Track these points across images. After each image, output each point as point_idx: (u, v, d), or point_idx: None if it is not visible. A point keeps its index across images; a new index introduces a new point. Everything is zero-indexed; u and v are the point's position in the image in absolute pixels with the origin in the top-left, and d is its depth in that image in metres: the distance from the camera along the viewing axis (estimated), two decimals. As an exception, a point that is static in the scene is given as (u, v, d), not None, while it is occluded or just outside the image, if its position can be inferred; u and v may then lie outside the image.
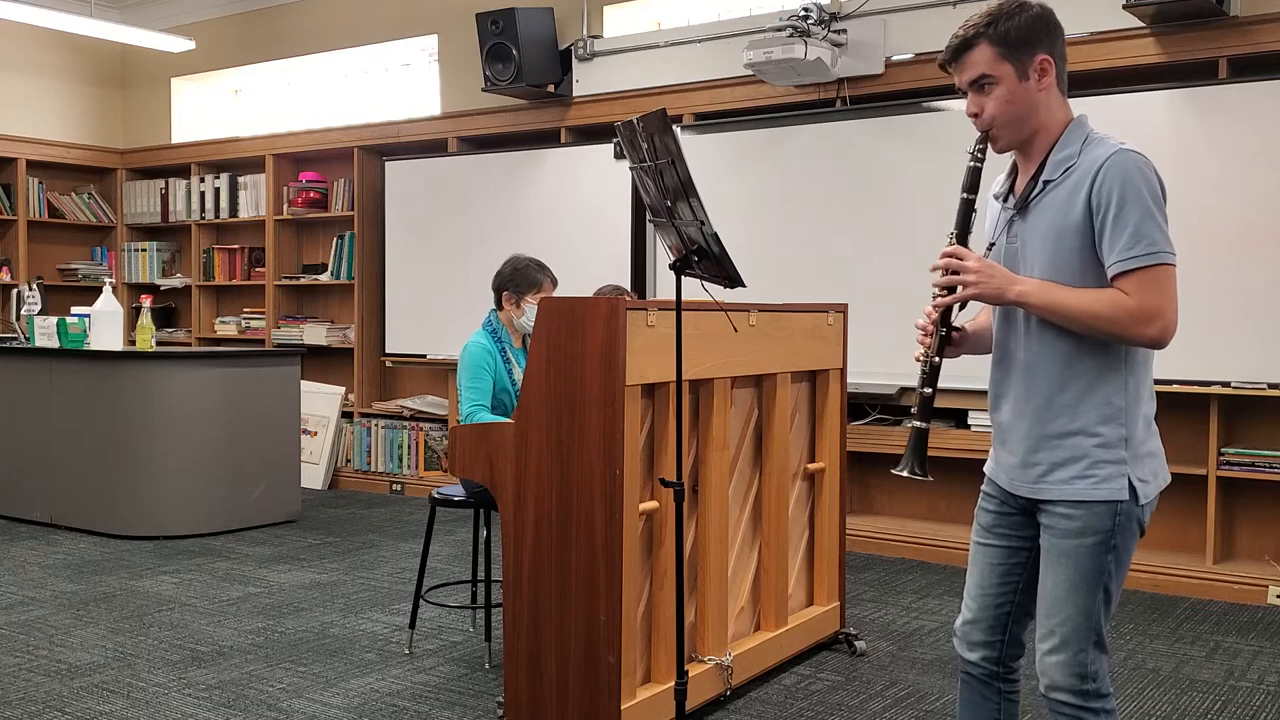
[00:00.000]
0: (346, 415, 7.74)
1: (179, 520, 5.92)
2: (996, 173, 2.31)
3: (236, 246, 8.36)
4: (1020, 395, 2.17)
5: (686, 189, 2.60)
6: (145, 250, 8.87)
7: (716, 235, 2.66)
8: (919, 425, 2.21)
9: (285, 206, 8.01)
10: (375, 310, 7.66)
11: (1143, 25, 5.01)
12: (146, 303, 6.32)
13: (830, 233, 5.80)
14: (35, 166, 8.49)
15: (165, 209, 8.72)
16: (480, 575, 4.34)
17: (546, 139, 6.87)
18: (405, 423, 7.46)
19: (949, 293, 2.16)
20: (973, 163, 2.19)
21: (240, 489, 6.11)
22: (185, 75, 8.64)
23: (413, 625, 4.07)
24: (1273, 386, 4.73)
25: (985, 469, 2.31)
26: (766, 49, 5.45)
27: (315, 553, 5.63)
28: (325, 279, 7.87)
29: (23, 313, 6.91)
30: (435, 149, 7.30)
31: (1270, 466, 4.83)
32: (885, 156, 5.64)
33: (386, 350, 7.48)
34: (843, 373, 4.16)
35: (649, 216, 2.92)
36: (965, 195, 2.20)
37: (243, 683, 3.70)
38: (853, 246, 5.73)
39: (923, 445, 2.21)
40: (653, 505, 3.20)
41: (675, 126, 3.36)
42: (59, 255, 8.78)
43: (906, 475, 2.21)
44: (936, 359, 2.21)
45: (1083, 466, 2.09)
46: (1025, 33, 2.10)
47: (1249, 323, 4.76)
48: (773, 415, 3.77)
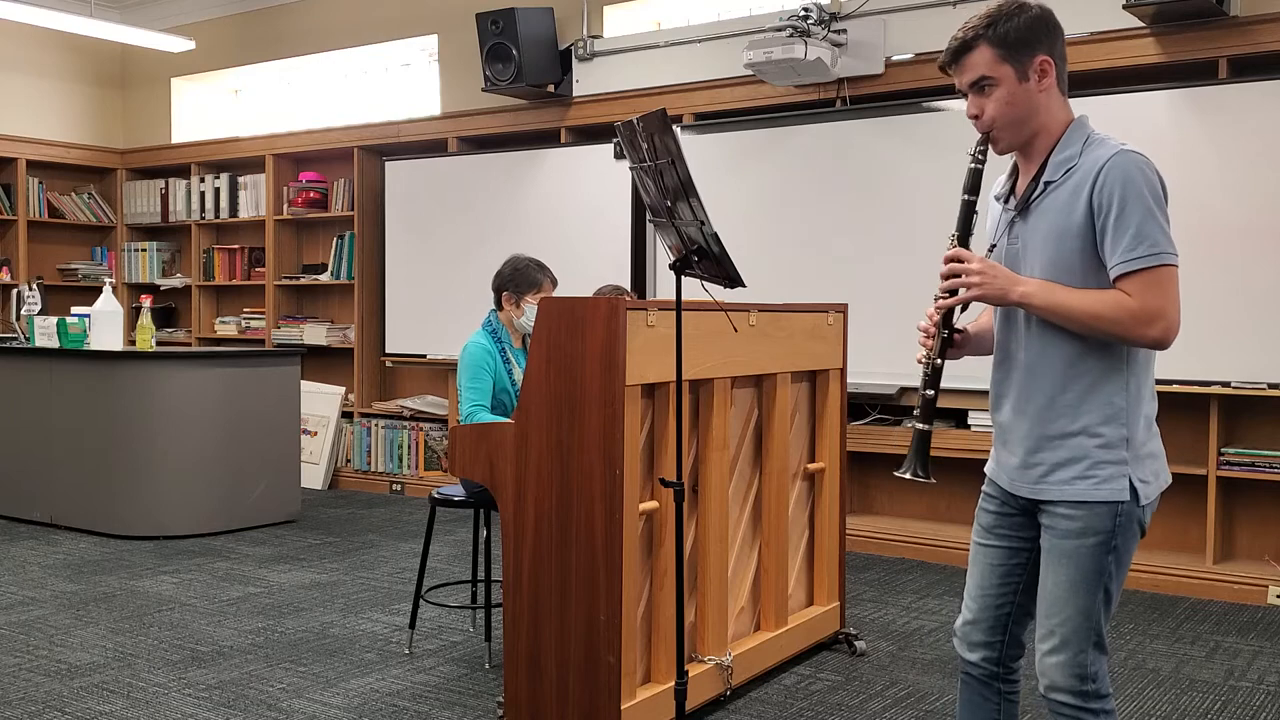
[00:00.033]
0: (346, 415, 7.74)
1: (179, 520, 5.92)
2: (997, 173, 2.30)
3: (236, 246, 8.37)
4: (1021, 396, 2.17)
5: (686, 189, 2.60)
6: (145, 250, 8.87)
7: (716, 235, 2.66)
8: (921, 428, 2.21)
9: (285, 206, 8.01)
10: (375, 310, 7.66)
11: (1143, 25, 5.01)
12: (146, 303, 6.32)
13: (830, 233, 5.80)
14: (35, 166, 8.49)
15: (165, 209, 8.72)
16: (480, 575, 4.34)
17: (546, 139, 6.87)
18: (405, 423, 7.46)
19: (951, 295, 2.16)
20: (974, 164, 2.18)
21: (240, 489, 6.11)
22: (185, 75, 8.64)
23: (413, 625, 4.07)
24: (1273, 386, 4.73)
25: (986, 469, 2.31)
26: (766, 49, 5.45)
27: (315, 553, 5.63)
28: (325, 279, 7.87)
29: (23, 313, 6.91)
30: (435, 149, 7.30)
31: (1270, 466, 4.83)
32: (885, 156, 5.64)
33: (386, 350, 7.48)
34: (843, 373, 4.16)
35: (649, 216, 2.92)
36: (966, 197, 2.19)
37: (243, 683, 3.70)
38: (853, 246, 5.73)
39: (925, 448, 2.21)
40: (653, 505, 3.20)
41: (675, 126, 3.36)
42: (59, 255, 8.78)
43: (909, 478, 2.21)
44: (939, 361, 2.20)
45: (1084, 467, 2.09)
46: (1025, 34, 2.10)
47: (1249, 323, 4.76)
48: (773, 415, 3.77)
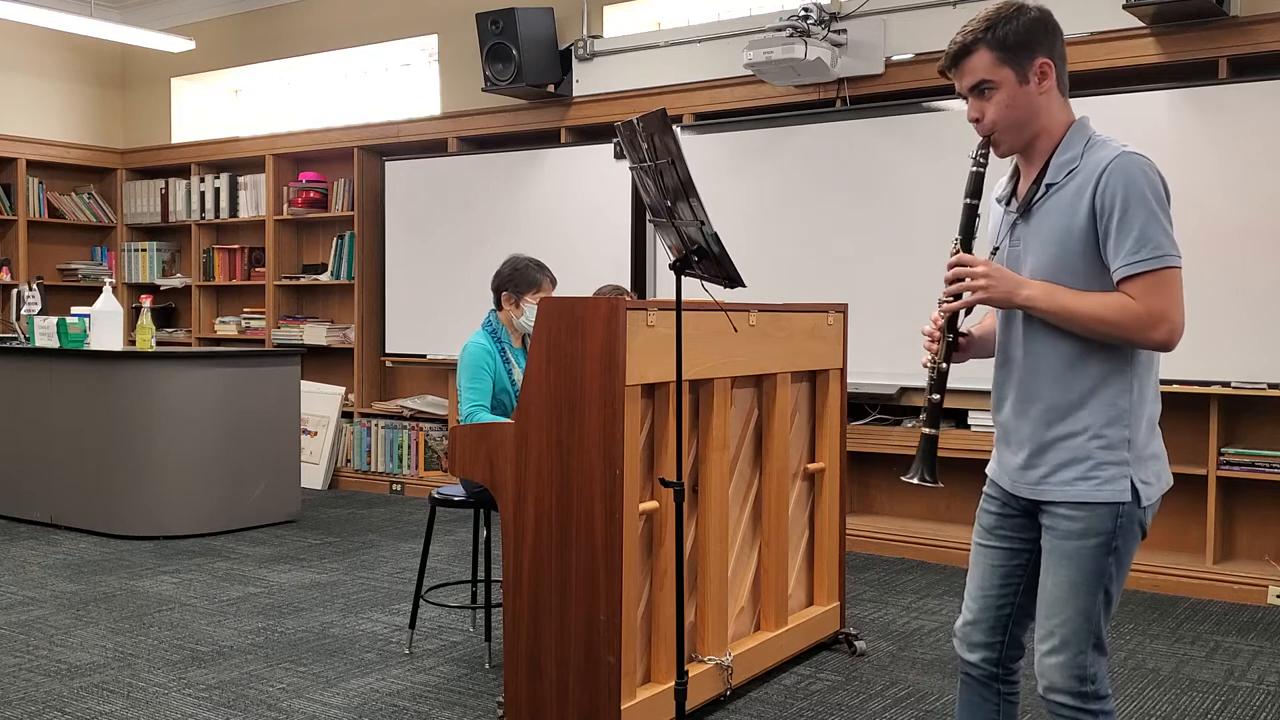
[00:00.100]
0: (346, 415, 7.74)
1: (179, 520, 5.92)
2: (998, 175, 2.30)
3: (236, 246, 8.37)
4: (1023, 397, 2.17)
5: (686, 189, 2.60)
6: (145, 250, 8.87)
7: (716, 235, 2.66)
8: (928, 432, 2.19)
9: (285, 206, 8.01)
10: (375, 310, 7.66)
11: (1143, 25, 5.01)
12: (146, 303, 6.32)
13: (830, 233, 5.80)
14: (35, 166, 8.49)
15: (165, 209, 8.72)
16: (480, 575, 4.34)
17: (546, 139, 6.87)
18: (405, 423, 7.46)
19: (956, 299, 2.15)
20: (975, 168, 2.18)
21: (240, 489, 6.11)
22: (185, 75, 8.64)
23: (413, 625, 4.07)
24: (1273, 386, 4.73)
25: (987, 470, 2.31)
26: (766, 49, 5.45)
27: (315, 553, 5.63)
28: (325, 279, 7.87)
29: (23, 313, 6.91)
30: (435, 149, 7.30)
31: (1270, 466, 4.83)
32: (885, 156, 5.64)
33: (386, 350, 7.48)
34: (843, 373, 4.15)
35: (649, 216, 2.92)
36: (968, 201, 2.19)
37: (243, 683, 3.70)
38: (853, 246, 5.73)
39: (932, 452, 2.19)
40: (653, 505, 3.20)
41: (675, 126, 3.36)
42: (59, 255, 8.78)
43: (917, 483, 2.20)
44: (944, 365, 2.20)
45: (1085, 468, 2.08)
46: (1024, 36, 2.09)
47: (1249, 323, 4.76)
48: (773, 415, 3.77)
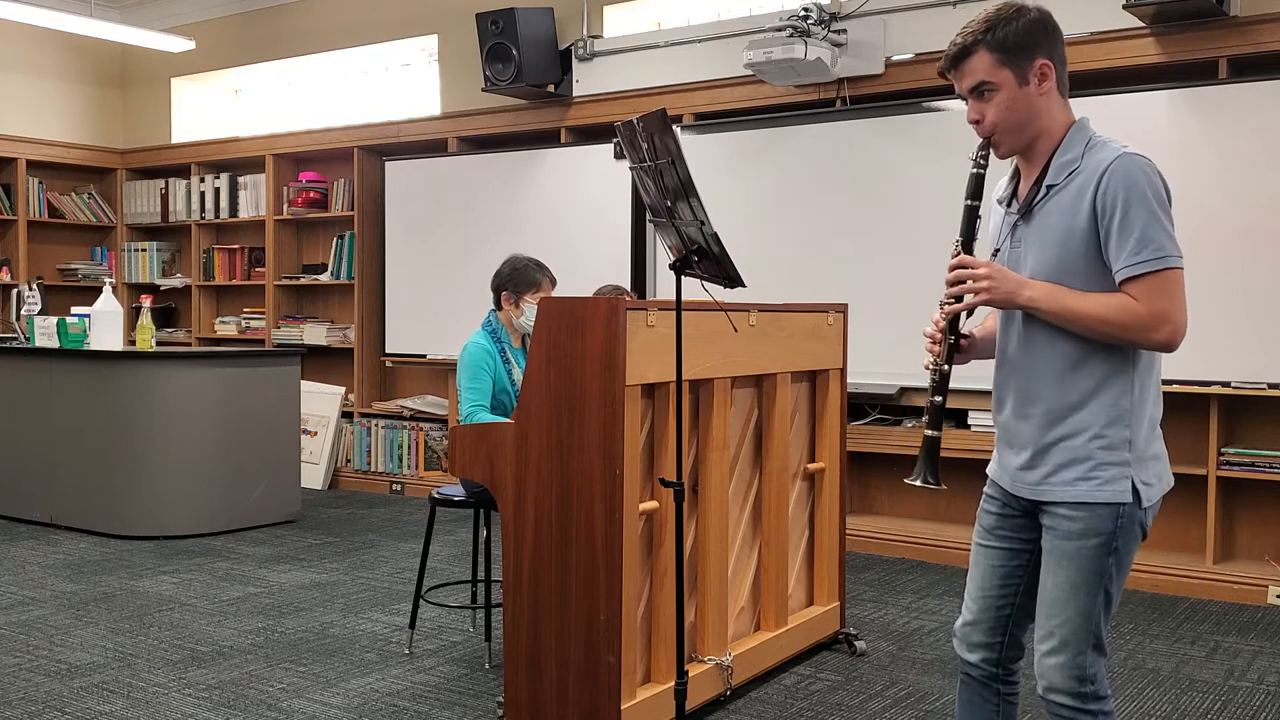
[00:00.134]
0: (346, 415, 7.74)
1: (179, 520, 5.92)
2: (998, 176, 2.30)
3: (236, 246, 8.37)
4: (1024, 398, 2.16)
5: (686, 189, 2.60)
6: (145, 250, 8.87)
7: (716, 235, 2.66)
8: (930, 434, 2.19)
9: (285, 206, 8.01)
10: (375, 310, 7.66)
11: (1143, 25, 5.01)
12: (146, 303, 6.32)
13: (830, 233, 5.80)
14: (35, 166, 8.49)
15: (165, 209, 8.72)
16: (480, 575, 4.34)
17: (546, 139, 6.87)
18: (405, 423, 7.46)
19: (958, 301, 2.15)
20: (975, 169, 2.17)
21: (240, 489, 6.11)
22: (185, 75, 8.64)
23: (413, 625, 4.07)
24: (1273, 386, 4.73)
25: (988, 471, 2.31)
26: (766, 49, 5.45)
27: (315, 553, 5.63)
28: (325, 279, 7.87)
29: (23, 313, 6.91)
30: (435, 149, 7.30)
31: (1270, 466, 4.83)
32: (885, 156, 5.64)
33: (386, 350, 7.48)
34: (843, 373, 4.15)
35: (649, 216, 2.92)
36: (969, 202, 2.18)
37: (243, 683, 3.70)
38: (853, 246, 5.73)
39: (935, 454, 2.19)
40: (653, 505, 3.20)
41: (675, 126, 3.36)
42: (59, 255, 8.78)
43: (920, 485, 2.20)
44: (946, 367, 2.20)
45: (1086, 468, 2.08)
46: (1024, 38, 2.09)
47: (1249, 323, 4.76)
48: (773, 415, 3.77)
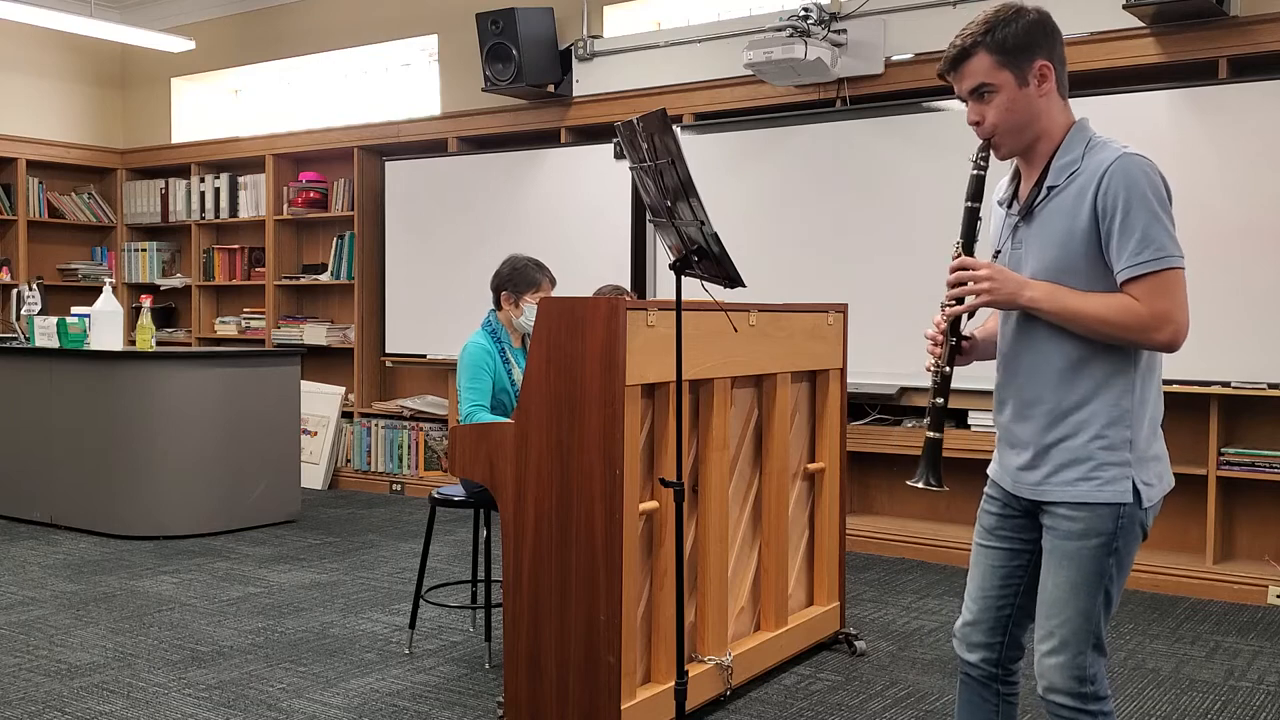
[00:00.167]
0: (346, 415, 7.74)
1: (179, 520, 5.92)
2: (998, 177, 2.30)
3: (236, 246, 8.36)
4: (1025, 398, 2.16)
5: (686, 189, 2.60)
6: (145, 250, 8.87)
7: (716, 235, 2.66)
8: (932, 436, 2.19)
9: (285, 206, 8.01)
10: (375, 310, 7.66)
11: (1143, 25, 5.01)
12: (146, 303, 6.32)
13: (830, 233, 5.80)
14: (35, 166, 8.49)
15: (165, 209, 8.72)
16: (480, 575, 4.34)
17: (546, 139, 6.87)
18: (405, 423, 7.46)
19: (959, 302, 2.15)
20: (976, 171, 2.17)
21: (240, 489, 6.11)
22: (185, 75, 8.64)
23: (413, 625, 4.07)
24: (1273, 386, 4.73)
25: (988, 471, 2.31)
26: (766, 49, 5.45)
27: (315, 553, 5.63)
28: (325, 279, 7.87)
29: (23, 313, 6.91)
30: (435, 149, 7.30)
31: (1270, 466, 4.83)
32: (885, 156, 5.64)
33: (386, 350, 7.48)
34: (843, 373, 4.15)
35: (649, 216, 2.92)
36: (969, 204, 2.18)
37: (243, 683, 3.70)
38: (853, 246, 5.73)
39: (937, 456, 2.19)
40: (653, 505, 3.20)
41: (675, 126, 3.36)
42: (59, 255, 8.78)
43: (922, 487, 2.19)
44: (947, 369, 2.19)
45: (1087, 468, 2.08)
46: (1023, 39, 2.09)
47: (1249, 323, 4.76)
48: (773, 415, 3.77)
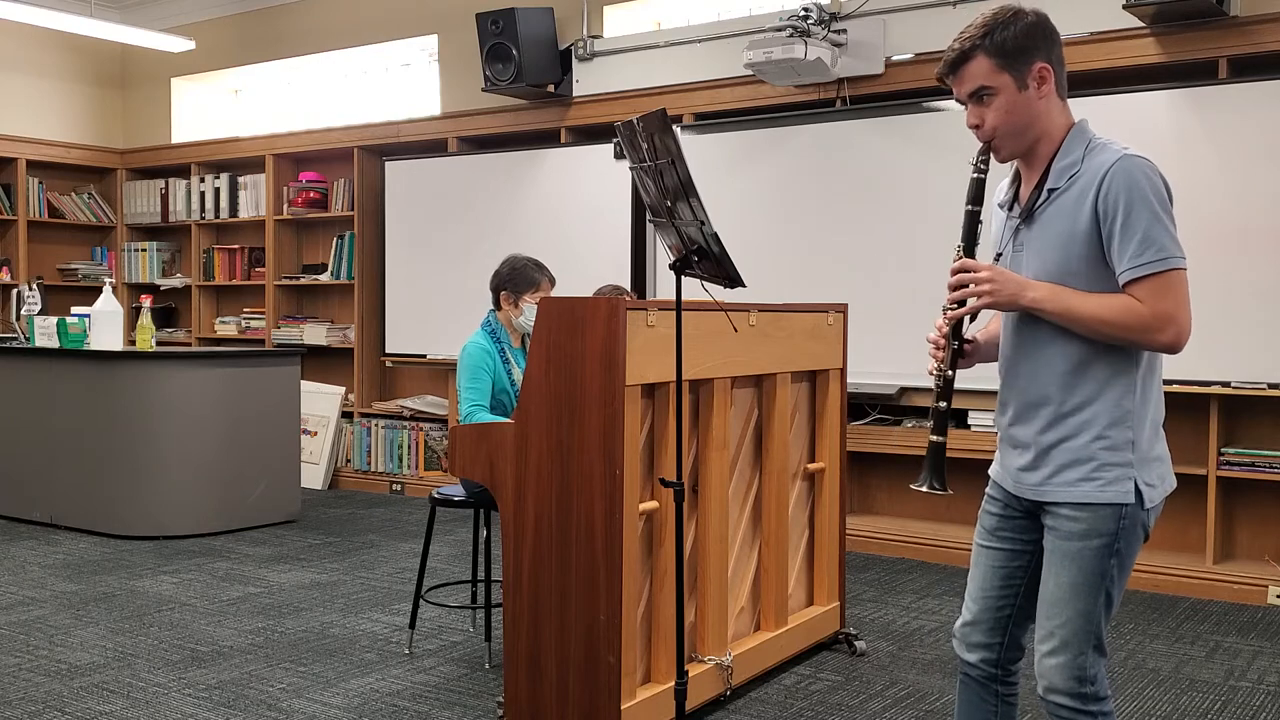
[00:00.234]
0: (346, 415, 7.74)
1: (179, 520, 5.92)
2: (998, 178, 2.30)
3: (236, 246, 8.36)
4: (1027, 400, 2.16)
5: (686, 189, 2.60)
6: (145, 250, 8.87)
7: (716, 235, 2.66)
8: (935, 439, 2.19)
9: (285, 206, 8.01)
10: (375, 310, 7.66)
11: (1143, 25, 5.01)
12: (146, 303, 6.32)
13: (830, 233, 5.80)
14: (35, 166, 8.49)
15: (165, 209, 8.72)
16: (480, 575, 4.34)
17: (546, 139, 6.87)
18: (405, 423, 7.46)
19: (960, 305, 2.15)
20: (976, 174, 2.17)
21: (240, 489, 6.11)
22: (185, 75, 8.64)
23: (413, 625, 4.07)
24: (1273, 386, 4.73)
25: (990, 472, 2.30)
26: (766, 49, 5.45)
27: (315, 553, 5.63)
28: (325, 279, 7.87)
29: (23, 313, 6.91)
30: (435, 149, 7.30)
31: (1270, 466, 4.83)
32: (885, 156, 5.64)
33: (386, 350, 7.48)
34: (843, 373, 4.15)
35: (649, 216, 2.92)
36: (970, 207, 2.18)
37: (243, 683, 3.70)
38: (853, 246, 5.73)
39: (941, 459, 2.19)
40: (653, 505, 3.20)
41: (675, 126, 3.36)
42: (59, 255, 8.78)
43: (926, 491, 2.19)
44: (950, 372, 2.19)
45: (1089, 469, 2.08)
46: (1022, 41, 2.09)
47: (1249, 323, 4.76)
48: (773, 415, 3.77)
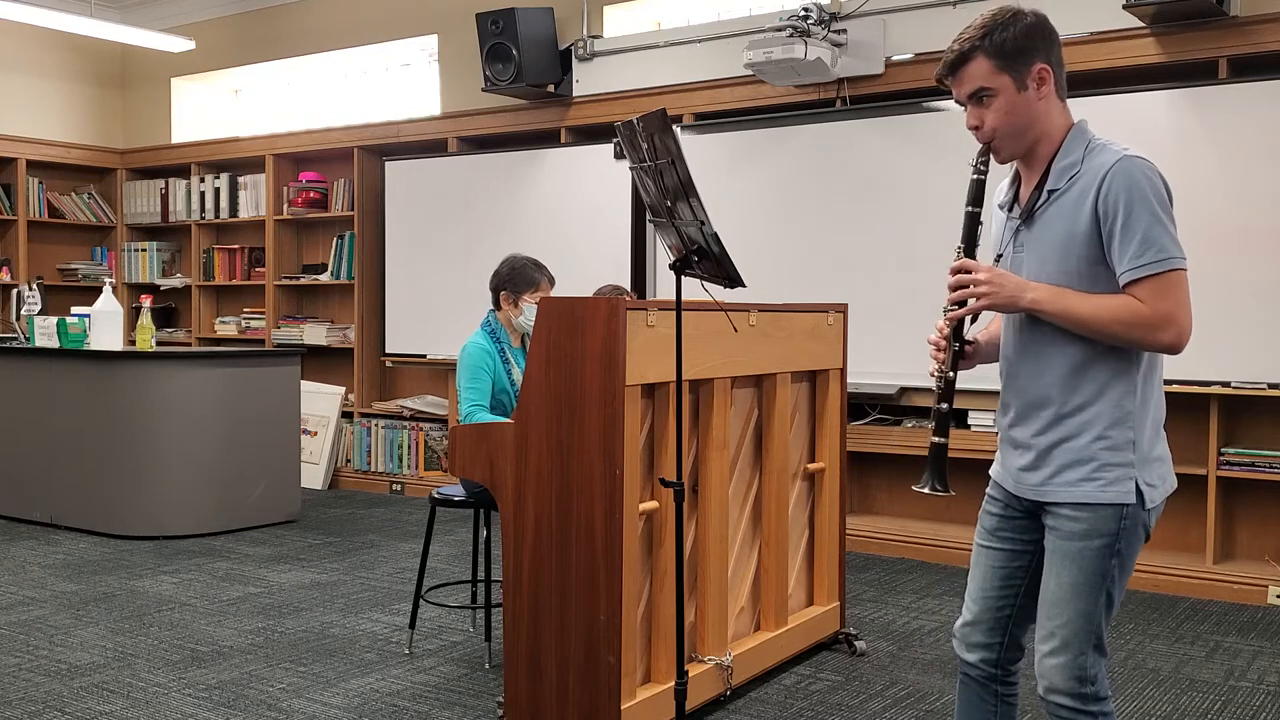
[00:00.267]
0: (346, 415, 7.74)
1: (179, 520, 5.92)
2: (998, 179, 2.30)
3: (236, 246, 8.36)
4: (1028, 400, 2.16)
5: (686, 189, 2.60)
6: (145, 250, 8.87)
7: (716, 235, 2.66)
8: (937, 441, 2.19)
9: (285, 206, 8.01)
10: (375, 310, 7.66)
11: (1143, 25, 5.01)
12: (146, 303, 6.32)
13: (830, 233, 5.80)
14: (35, 166, 8.49)
15: (165, 209, 8.72)
16: (480, 575, 4.34)
17: (546, 139, 6.87)
18: (405, 423, 7.46)
19: (960, 306, 2.15)
20: (976, 175, 2.17)
21: (240, 489, 6.11)
22: (185, 75, 8.64)
23: (413, 625, 4.07)
24: (1273, 386, 4.73)
25: (991, 472, 2.30)
26: (766, 49, 5.45)
27: (315, 553, 5.63)
28: (325, 279, 7.87)
29: (23, 313, 6.91)
30: (435, 149, 7.30)
31: (1270, 466, 4.83)
32: (885, 156, 5.64)
33: (386, 350, 7.48)
34: (843, 373, 4.15)
35: (649, 216, 2.92)
36: (970, 209, 2.18)
37: (243, 683, 3.70)
38: (853, 246, 5.73)
39: (942, 461, 2.19)
40: (653, 505, 3.20)
41: (675, 126, 3.36)
42: (59, 255, 8.78)
43: (928, 492, 2.19)
44: (951, 374, 2.19)
45: (1090, 469, 2.08)
46: (1021, 42, 2.08)
47: (1249, 323, 4.76)
48: (773, 415, 3.77)
